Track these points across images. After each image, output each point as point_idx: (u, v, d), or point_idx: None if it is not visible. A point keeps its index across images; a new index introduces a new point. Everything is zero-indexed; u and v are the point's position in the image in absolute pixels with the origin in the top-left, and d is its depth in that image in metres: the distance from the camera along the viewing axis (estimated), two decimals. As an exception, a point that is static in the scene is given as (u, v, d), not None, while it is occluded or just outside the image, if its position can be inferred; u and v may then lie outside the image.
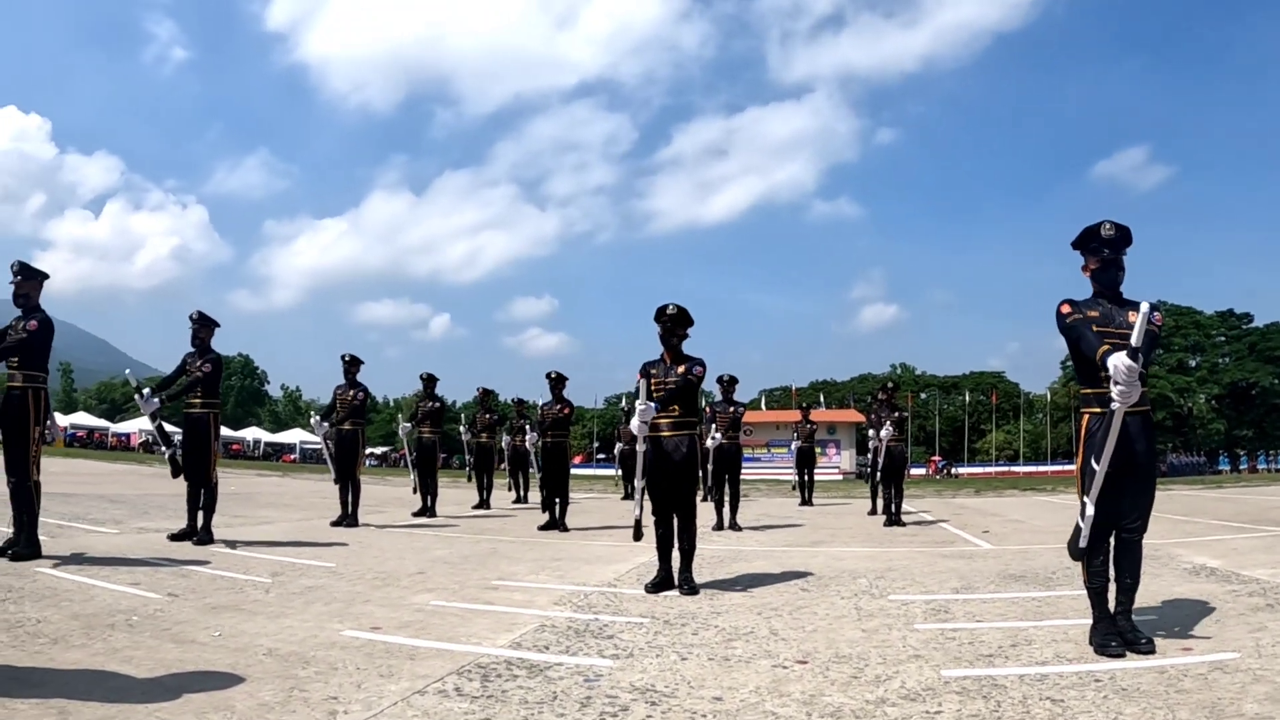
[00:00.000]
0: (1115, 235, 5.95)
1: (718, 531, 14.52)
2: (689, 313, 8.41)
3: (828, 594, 8.04)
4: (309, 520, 14.58)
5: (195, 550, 10.08)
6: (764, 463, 66.37)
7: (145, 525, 12.06)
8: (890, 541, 13.21)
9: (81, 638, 5.58)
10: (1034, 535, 14.26)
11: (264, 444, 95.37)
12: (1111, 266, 5.98)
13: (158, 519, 13.06)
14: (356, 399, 14.77)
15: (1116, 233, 5.95)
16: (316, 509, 14.54)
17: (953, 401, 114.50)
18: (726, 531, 14.68)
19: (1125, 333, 5.69)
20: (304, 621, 6.37)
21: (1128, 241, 6.01)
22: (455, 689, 4.70)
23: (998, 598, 7.79)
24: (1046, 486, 37.54)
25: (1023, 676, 5.04)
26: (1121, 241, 5.99)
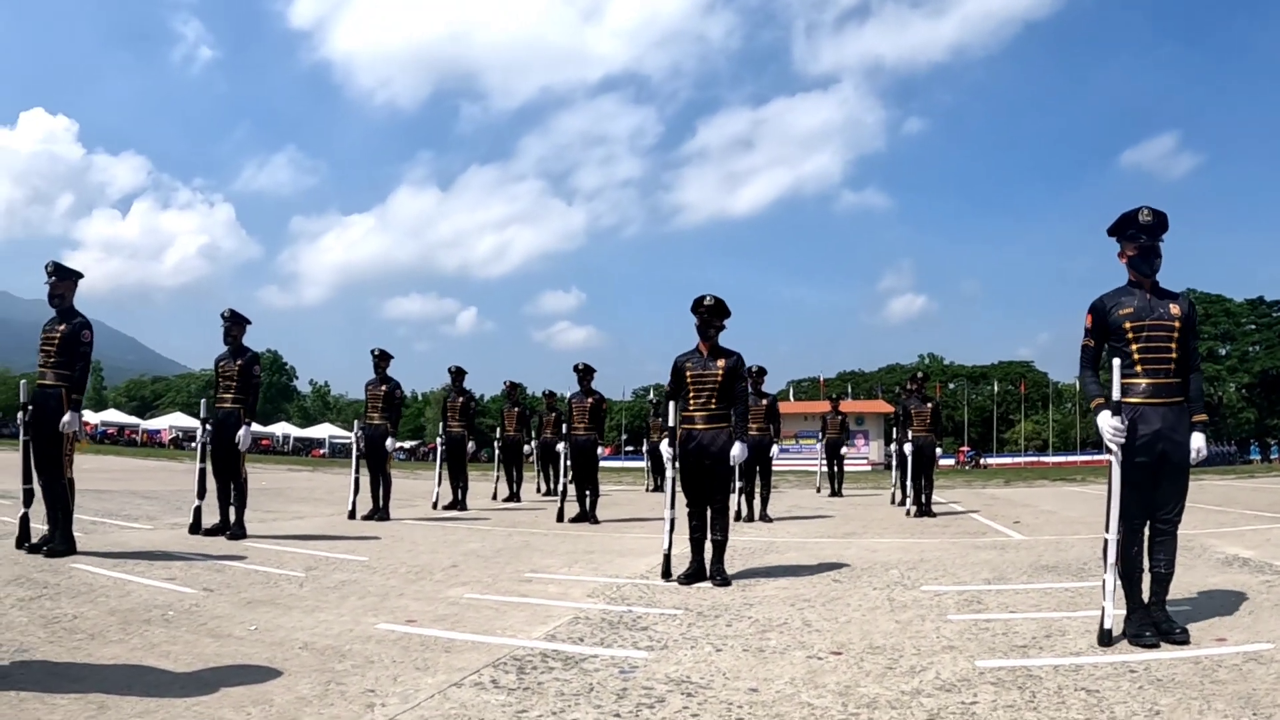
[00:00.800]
0: (1153, 221, 5.88)
1: (747, 523, 14.51)
2: (726, 304, 8.38)
3: (860, 585, 8.03)
4: (341, 515, 14.59)
5: (229, 545, 10.13)
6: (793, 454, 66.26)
7: (179, 521, 12.12)
8: (922, 533, 13.18)
9: (119, 633, 5.62)
10: (1066, 526, 14.20)
11: (293, 439, 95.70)
12: (1149, 254, 5.90)
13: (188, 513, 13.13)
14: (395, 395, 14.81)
15: (1154, 219, 5.88)
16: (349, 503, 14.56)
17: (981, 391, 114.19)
18: (757, 523, 14.68)
19: (1163, 323, 5.75)
20: (339, 615, 6.40)
21: (1165, 228, 5.95)
22: (492, 681, 4.72)
23: (1031, 588, 7.77)
24: (1077, 476, 37.34)
25: (1057, 667, 5.03)
26: (1159, 228, 5.92)
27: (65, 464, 8.77)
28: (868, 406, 76.97)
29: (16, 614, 6.02)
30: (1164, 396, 5.78)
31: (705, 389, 8.31)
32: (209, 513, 11.08)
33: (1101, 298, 6.05)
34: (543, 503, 19.33)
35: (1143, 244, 5.89)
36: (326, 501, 18.22)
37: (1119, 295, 5.98)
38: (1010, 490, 26.79)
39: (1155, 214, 5.89)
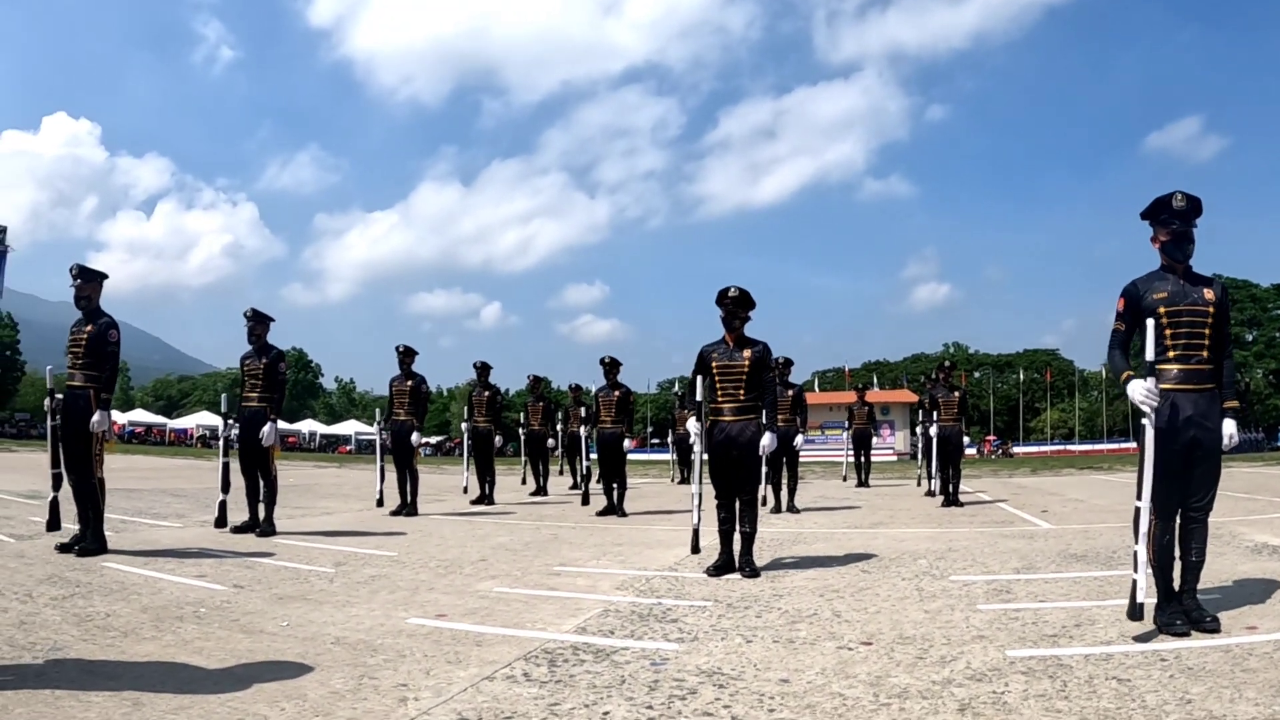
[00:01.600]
0: (1186, 207, 5.82)
1: (774, 514, 14.51)
2: (750, 295, 8.35)
3: (889, 575, 8.03)
4: (369, 510, 14.66)
5: (259, 542, 10.17)
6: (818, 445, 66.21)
7: (208, 519, 12.17)
8: (950, 522, 13.16)
9: (152, 630, 5.64)
10: (1094, 514, 14.16)
11: (319, 436, 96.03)
12: (1182, 239, 5.84)
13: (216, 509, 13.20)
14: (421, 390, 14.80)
15: (1187, 204, 5.82)
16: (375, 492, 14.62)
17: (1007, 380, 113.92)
18: (785, 514, 14.67)
19: (1197, 308, 5.70)
20: (370, 610, 6.42)
21: (1199, 213, 5.88)
22: (524, 674, 4.73)
23: (1060, 578, 7.76)
24: (1103, 465, 37.24)
25: (1088, 656, 5.01)
26: (1192, 213, 5.86)
27: (95, 464, 8.82)
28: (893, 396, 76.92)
29: (50, 613, 6.06)
30: (1196, 383, 5.73)
31: (732, 380, 8.29)
32: (236, 509, 11.12)
33: (1135, 282, 5.98)
34: (570, 496, 19.34)
35: (1176, 229, 5.82)
36: (354, 497, 18.29)
37: (1152, 280, 5.91)
38: (1037, 479, 26.76)
39: (1189, 199, 5.83)
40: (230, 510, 11.11)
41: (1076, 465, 38.37)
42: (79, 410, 8.79)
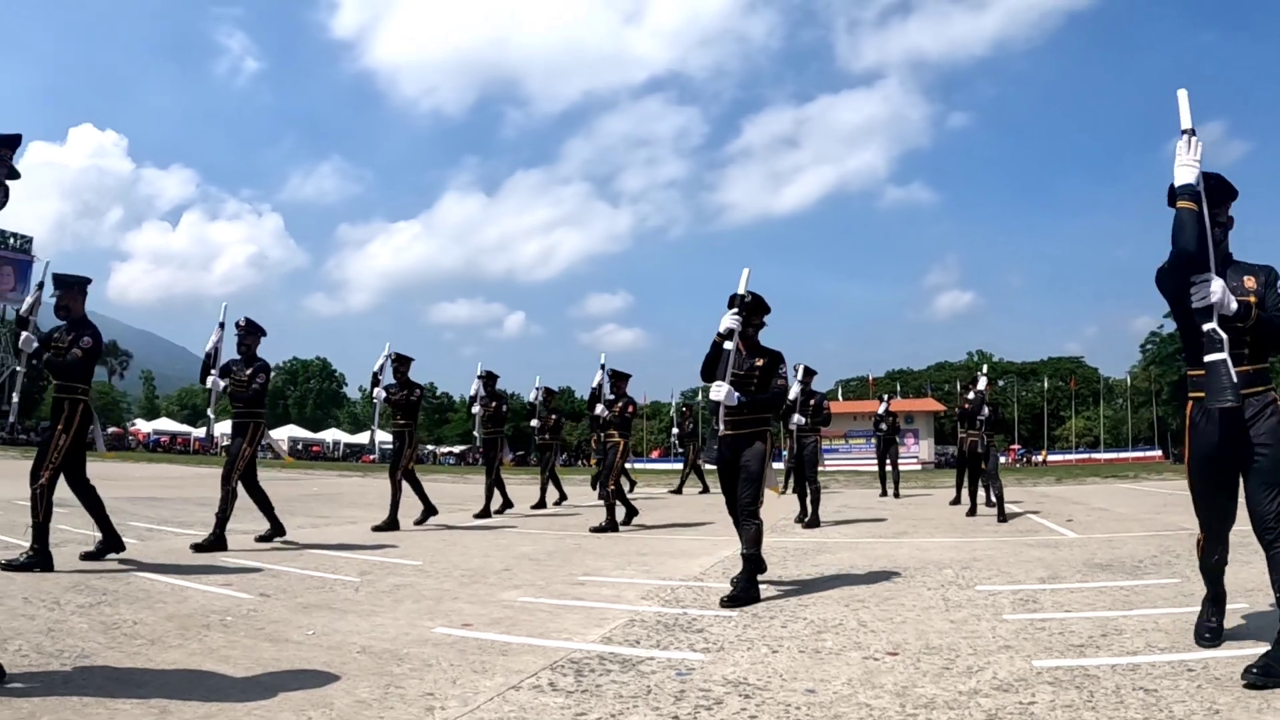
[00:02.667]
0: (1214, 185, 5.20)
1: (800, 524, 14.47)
2: (764, 300, 8.29)
3: (914, 585, 8.01)
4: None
5: (284, 552, 10.20)
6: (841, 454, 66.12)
7: (233, 527, 12.18)
8: (974, 532, 13.11)
9: (178, 638, 5.67)
10: (1119, 523, 14.11)
11: (343, 445, 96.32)
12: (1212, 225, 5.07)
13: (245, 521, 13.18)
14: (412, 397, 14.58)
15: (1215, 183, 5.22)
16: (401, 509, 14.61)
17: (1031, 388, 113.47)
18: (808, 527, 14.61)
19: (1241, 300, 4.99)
20: (395, 619, 6.44)
21: (1230, 195, 5.35)
22: (550, 684, 4.73)
23: (1086, 587, 7.72)
24: (1129, 474, 37.09)
25: (1115, 666, 5.00)
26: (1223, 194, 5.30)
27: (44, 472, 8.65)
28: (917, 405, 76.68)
29: (77, 620, 6.09)
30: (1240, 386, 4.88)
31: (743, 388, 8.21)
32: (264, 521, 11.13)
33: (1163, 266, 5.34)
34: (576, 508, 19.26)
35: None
36: (378, 506, 18.26)
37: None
38: (1062, 488, 26.65)
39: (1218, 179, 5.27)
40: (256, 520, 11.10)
41: (1101, 474, 38.24)
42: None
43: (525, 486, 22.67)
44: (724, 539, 11.47)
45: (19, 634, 5.60)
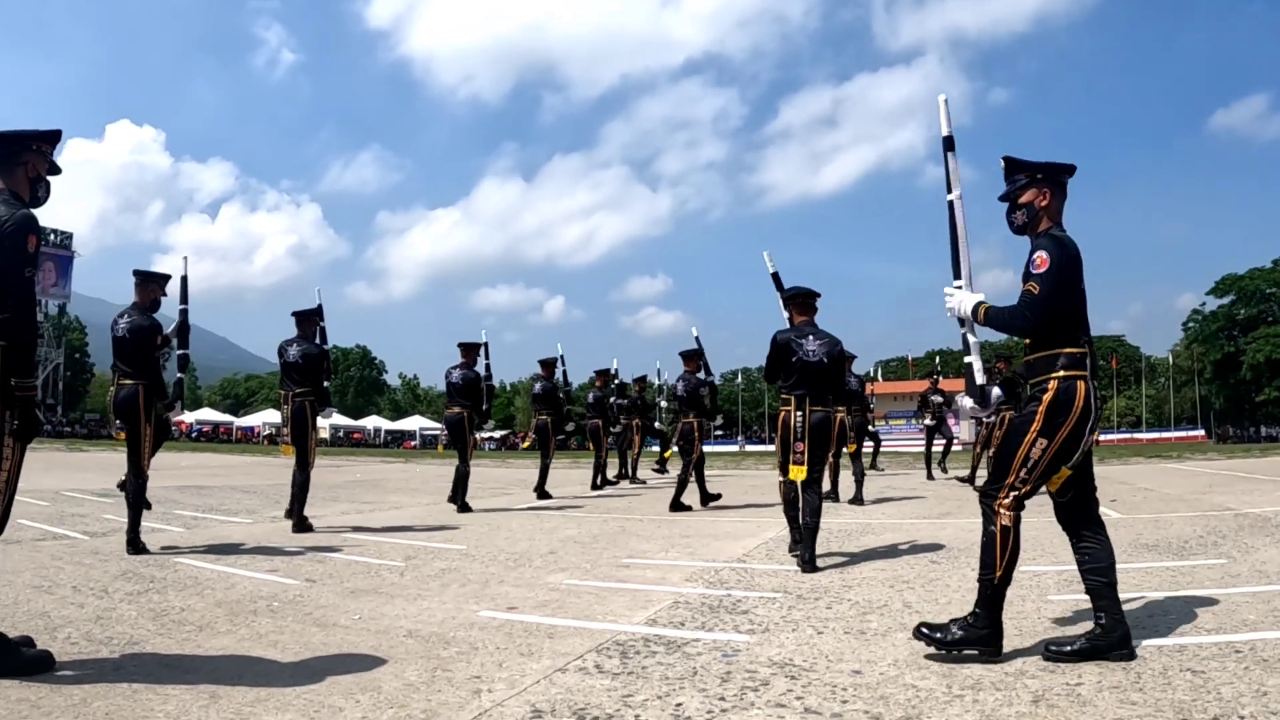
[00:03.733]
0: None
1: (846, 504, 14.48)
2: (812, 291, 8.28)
3: (959, 566, 7.98)
4: (437, 504, 14.74)
5: (329, 537, 10.24)
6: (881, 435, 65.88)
7: (278, 514, 12.29)
8: (1018, 511, 13.01)
9: (226, 624, 5.71)
10: (1164, 503, 14.00)
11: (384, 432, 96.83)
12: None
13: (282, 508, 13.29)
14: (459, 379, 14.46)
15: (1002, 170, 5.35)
16: (444, 493, 14.66)
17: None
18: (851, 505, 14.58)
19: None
20: (442, 603, 6.47)
21: (1012, 170, 5.39)
22: (596, 666, 4.75)
23: (1131, 568, 7.65)
24: (1172, 453, 36.85)
25: (1161, 647, 4.98)
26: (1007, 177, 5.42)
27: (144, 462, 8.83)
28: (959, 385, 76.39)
29: (126, 607, 6.14)
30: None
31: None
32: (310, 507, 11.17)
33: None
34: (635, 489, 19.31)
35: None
36: (421, 491, 18.39)
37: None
38: (1105, 468, 26.46)
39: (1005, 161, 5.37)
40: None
41: (1144, 454, 37.99)
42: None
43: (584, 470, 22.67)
44: (767, 521, 11.49)
45: (69, 622, 5.66)
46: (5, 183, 4.82)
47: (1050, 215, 5.29)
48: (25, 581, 6.97)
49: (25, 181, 4.89)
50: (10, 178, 4.83)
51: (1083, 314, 5.22)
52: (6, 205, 4.65)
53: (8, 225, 4.52)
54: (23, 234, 4.55)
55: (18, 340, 4.50)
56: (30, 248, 4.57)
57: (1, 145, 4.86)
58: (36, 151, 4.94)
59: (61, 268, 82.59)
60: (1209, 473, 22.29)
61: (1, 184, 4.82)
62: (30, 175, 4.92)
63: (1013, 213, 5.41)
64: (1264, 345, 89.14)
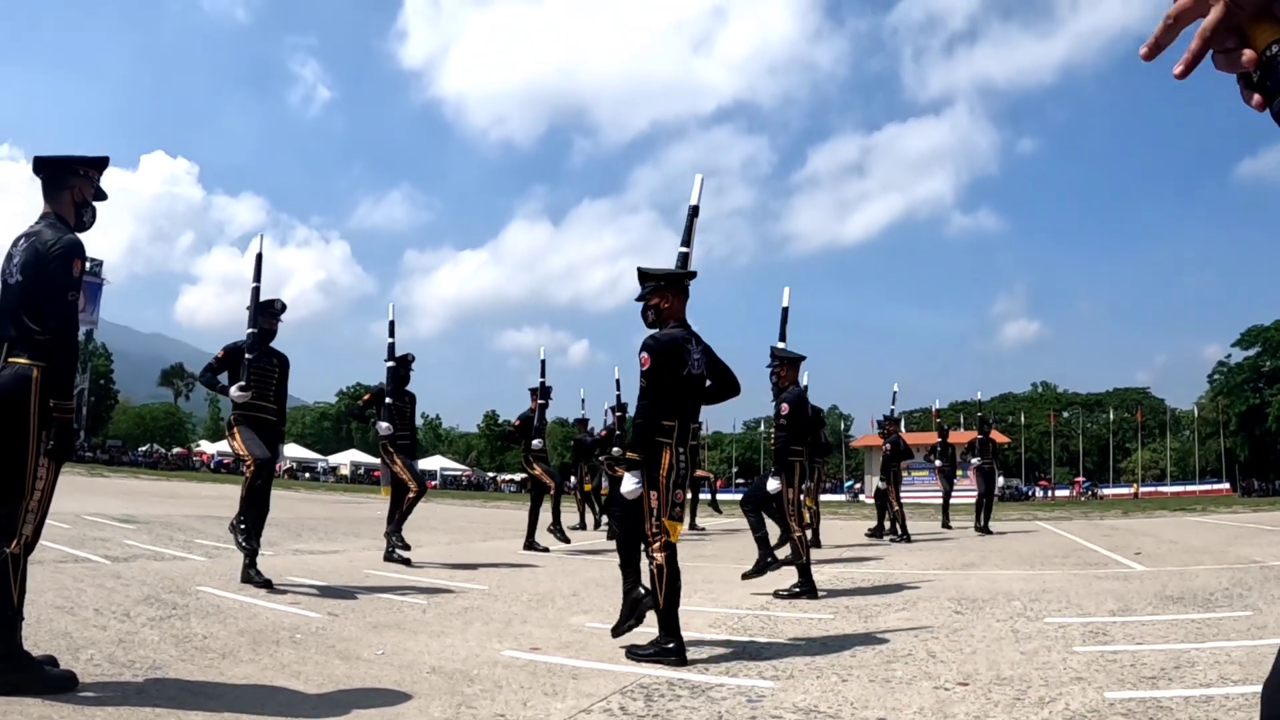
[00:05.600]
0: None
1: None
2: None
3: (983, 616, 7.94)
4: (457, 543, 14.78)
5: (350, 572, 10.25)
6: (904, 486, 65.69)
7: (300, 547, 12.33)
8: (1043, 564, 12.99)
9: (249, 652, 5.72)
10: (1189, 556, 13.93)
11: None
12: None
13: (310, 541, 13.31)
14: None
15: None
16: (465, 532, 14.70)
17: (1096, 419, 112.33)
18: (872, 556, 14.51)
19: None
20: (465, 641, 6.47)
21: (642, 281, 6.65)
22: (620, 708, 4.73)
23: (1157, 619, 7.62)
24: (1197, 506, 36.65)
25: (1188, 698, 4.92)
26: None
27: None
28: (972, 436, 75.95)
29: (148, 632, 6.15)
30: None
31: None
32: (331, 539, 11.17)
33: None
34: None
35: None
36: (442, 530, 18.41)
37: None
38: (1130, 520, 26.38)
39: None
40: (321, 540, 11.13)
41: (1169, 507, 37.81)
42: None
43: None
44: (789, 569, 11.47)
45: (91, 643, 5.67)
46: (52, 206, 4.88)
47: (672, 314, 6.50)
48: (48, 601, 6.98)
49: (71, 206, 4.94)
50: (57, 202, 4.89)
51: (677, 391, 6.27)
52: (53, 229, 4.70)
53: (55, 249, 4.56)
54: (69, 258, 4.59)
55: (59, 362, 4.53)
56: (75, 272, 4.62)
57: (48, 169, 4.92)
58: (83, 176, 5.00)
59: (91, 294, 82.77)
60: (1234, 525, 22.18)
61: (48, 208, 4.87)
62: (76, 200, 4.96)
63: (645, 312, 6.61)
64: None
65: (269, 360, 9.10)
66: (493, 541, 14.97)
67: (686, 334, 6.43)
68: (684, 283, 6.54)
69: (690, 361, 6.30)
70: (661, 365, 6.19)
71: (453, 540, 15.51)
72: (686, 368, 6.26)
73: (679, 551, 6.23)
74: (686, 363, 6.26)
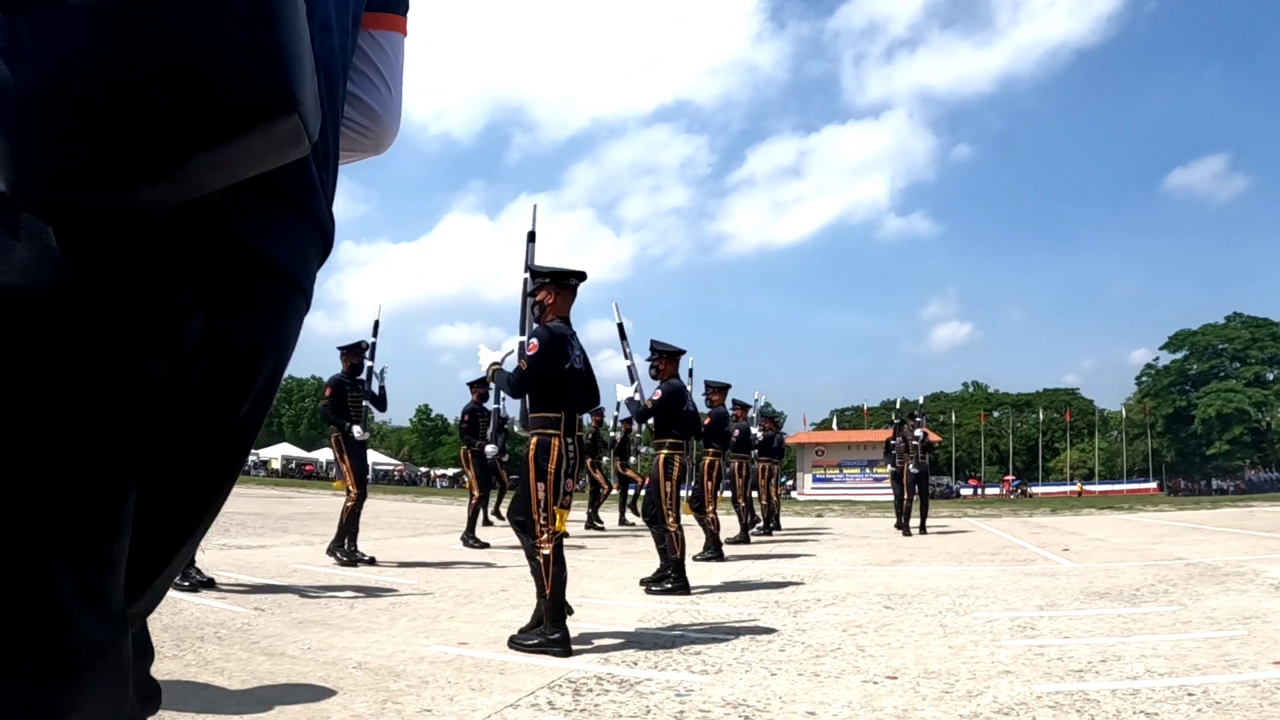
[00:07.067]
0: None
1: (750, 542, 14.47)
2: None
3: (912, 612, 7.98)
4: (386, 539, 14.67)
5: (277, 568, 10.16)
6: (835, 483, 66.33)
7: (227, 542, 12.19)
8: (972, 560, 13.10)
9: (173, 649, 5.64)
10: (1115, 553, 14.07)
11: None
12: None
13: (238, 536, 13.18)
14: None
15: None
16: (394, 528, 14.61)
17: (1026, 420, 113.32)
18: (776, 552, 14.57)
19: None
20: (391, 637, 6.41)
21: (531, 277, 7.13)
22: (548, 703, 4.70)
23: (1084, 614, 7.70)
24: (1124, 505, 37.09)
25: (1115, 691, 4.96)
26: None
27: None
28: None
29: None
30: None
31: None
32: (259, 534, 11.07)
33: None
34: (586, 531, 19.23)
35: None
36: (371, 525, 18.26)
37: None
38: (1057, 518, 26.63)
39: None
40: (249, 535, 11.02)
41: (1096, 505, 38.21)
42: None
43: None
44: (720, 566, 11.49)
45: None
46: None
47: (556, 310, 6.77)
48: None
49: None
50: None
51: (562, 384, 6.53)
52: None
53: None
54: None
55: None
56: None
57: None
58: None
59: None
60: (1160, 524, 22.43)
61: None
62: None
63: (532, 307, 6.95)
64: (1215, 400, 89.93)
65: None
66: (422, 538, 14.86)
67: (570, 331, 6.73)
68: (570, 282, 6.83)
69: (573, 358, 6.58)
70: (548, 355, 6.45)
71: (382, 536, 15.38)
72: (569, 362, 6.52)
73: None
74: (569, 357, 6.53)
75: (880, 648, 6.32)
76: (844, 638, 6.71)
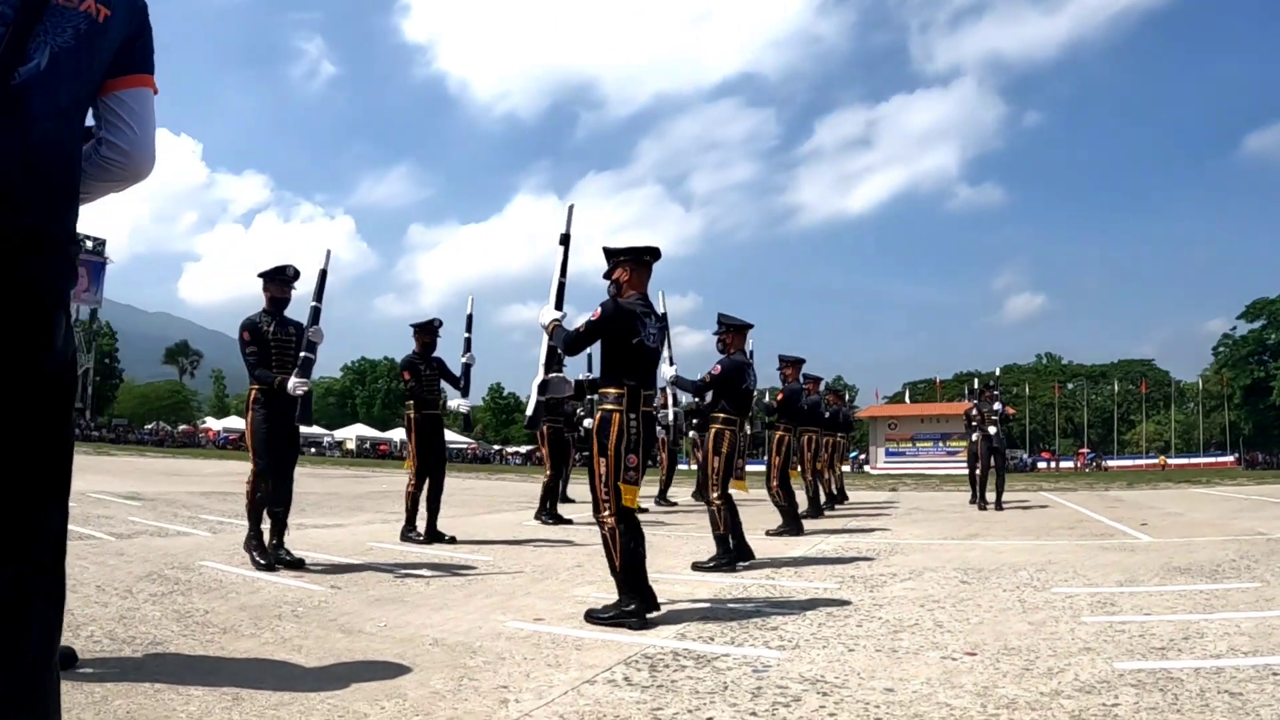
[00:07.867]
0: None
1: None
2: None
3: (989, 586, 7.90)
4: (460, 516, 14.71)
5: (352, 547, 10.22)
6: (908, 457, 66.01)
7: (303, 521, 12.28)
8: (1048, 535, 12.96)
9: (250, 627, 5.68)
10: (1194, 528, 13.88)
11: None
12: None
13: (313, 515, 13.27)
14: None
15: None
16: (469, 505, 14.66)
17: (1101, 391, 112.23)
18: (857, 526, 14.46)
19: None
20: (467, 613, 6.43)
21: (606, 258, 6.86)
22: (624, 678, 4.69)
23: (1165, 590, 7.58)
24: (1201, 479, 36.64)
25: (1198, 670, 4.87)
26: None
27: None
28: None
29: (150, 608, 6.12)
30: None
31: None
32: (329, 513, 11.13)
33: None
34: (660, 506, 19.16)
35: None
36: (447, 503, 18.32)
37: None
38: (1134, 492, 26.36)
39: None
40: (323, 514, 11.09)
41: (1174, 479, 37.78)
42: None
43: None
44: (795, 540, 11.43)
45: (92, 620, 5.65)
46: None
47: (633, 286, 6.70)
48: (49, 580, 6.94)
49: None
50: None
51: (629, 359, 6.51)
52: None
53: None
54: None
55: None
56: None
57: None
58: None
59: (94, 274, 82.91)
60: (1238, 498, 22.15)
61: None
62: None
63: (609, 286, 6.78)
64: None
65: (284, 330, 8.79)
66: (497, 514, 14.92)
67: (645, 307, 6.62)
68: (645, 259, 6.75)
69: (644, 334, 6.50)
70: (608, 326, 6.47)
71: (456, 514, 15.43)
72: (639, 337, 6.46)
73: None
74: (640, 333, 6.46)
75: (958, 623, 6.25)
76: (921, 613, 6.65)
